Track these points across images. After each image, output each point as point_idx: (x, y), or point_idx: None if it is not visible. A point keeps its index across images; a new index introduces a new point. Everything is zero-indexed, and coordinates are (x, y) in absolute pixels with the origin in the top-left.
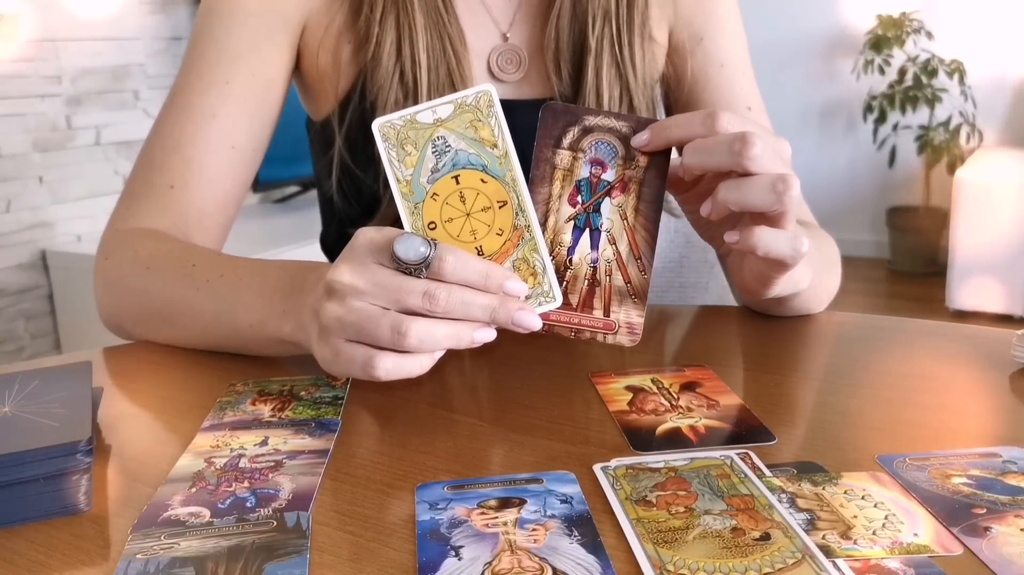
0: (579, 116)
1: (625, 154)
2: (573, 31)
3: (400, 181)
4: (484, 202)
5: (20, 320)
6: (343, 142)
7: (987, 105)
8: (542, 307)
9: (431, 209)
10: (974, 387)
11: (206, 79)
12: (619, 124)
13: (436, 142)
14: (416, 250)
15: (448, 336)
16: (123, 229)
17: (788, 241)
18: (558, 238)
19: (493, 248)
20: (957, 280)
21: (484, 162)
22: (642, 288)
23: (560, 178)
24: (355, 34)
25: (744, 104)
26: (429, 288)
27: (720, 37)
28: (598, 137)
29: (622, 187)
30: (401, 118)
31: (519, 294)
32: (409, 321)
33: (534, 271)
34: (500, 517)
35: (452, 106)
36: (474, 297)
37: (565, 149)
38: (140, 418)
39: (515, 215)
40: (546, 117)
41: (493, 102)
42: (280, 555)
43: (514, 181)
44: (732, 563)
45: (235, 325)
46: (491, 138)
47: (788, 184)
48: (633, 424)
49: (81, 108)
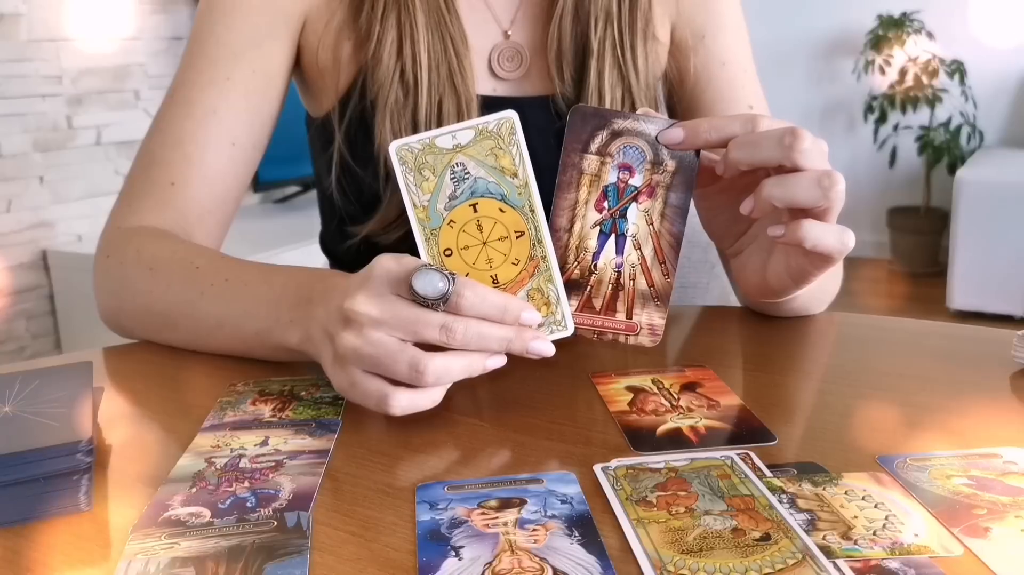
0: (608, 119)
1: (654, 158)
2: (575, 32)
3: (417, 206)
4: (501, 231)
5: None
6: (343, 139)
7: (988, 105)
8: (554, 335)
9: (447, 236)
10: (974, 387)
11: (207, 75)
12: (649, 127)
13: (455, 168)
14: (435, 286)
15: (462, 369)
16: (124, 227)
17: (836, 234)
18: (584, 244)
19: (508, 277)
20: (957, 280)
21: (503, 191)
22: (665, 291)
23: (587, 183)
24: (356, 31)
25: (746, 103)
26: (446, 322)
27: (722, 35)
28: (627, 141)
29: (649, 192)
30: (420, 142)
31: (533, 323)
32: (427, 359)
33: (548, 300)
34: (500, 517)
35: (473, 132)
36: (491, 330)
37: (593, 154)
38: (140, 418)
39: (532, 246)
40: (575, 121)
41: (515, 130)
42: (280, 555)
43: (533, 212)
44: (732, 563)
45: (240, 332)
46: (512, 167)
47: (834, 180)
48: (634, 424)
49: (82, 108)
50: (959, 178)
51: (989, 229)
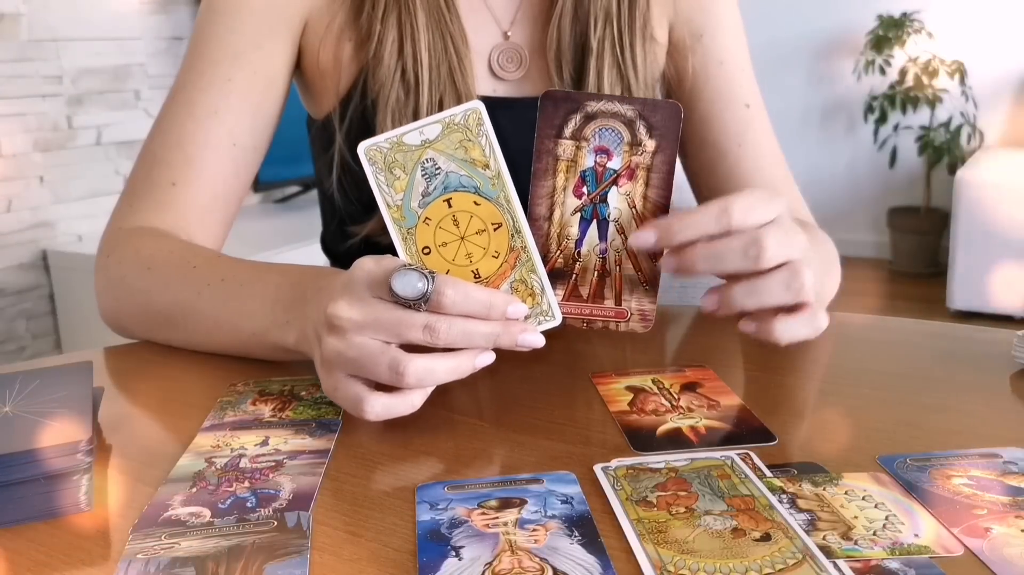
0: (581, 102)
1: (631, 139)
2: (575, 32)
3: (390, 206)
4: (478, 225)
5: (21, 320)
6: (343, 140)
7: (988, 105)
8: (542, 326)
9: (424, 234)
10: (974, 387)
11: (208, 76)
12: (623, 108)
13: (425, 164)
14: (414, 286)
15: (449, 370)
16: (125, 227)
17: (807, 324)
18: (565, 231)
19: (490, 271)
20: (958, 280)
21: (476, 184)
22: (654, 276)
23: (564, 169)
24: (356, 32)
25: (743, 101)
26: (429, 321)
27: (719, 34)
28: (602, 123)
29: (629, 174)
30: (387, 140)
31: (520, 316)
32: (407, 360)
33: (532, 291)
34: (500, 517)
35: (440, 126)
36: (476, 327)
37: (568, 139)
38: (141, 418)
39: (511, 236)
40: (546, 106)
41: (483, 120)
42: (280, 555)
43: (508, 202)
44: (733, 563)
45: (237, 332)
46: (482, 158)
47: (801, 280)
48: (634, 424)
49: (82, 108)
50: (959, 178)
51: (989, 229)
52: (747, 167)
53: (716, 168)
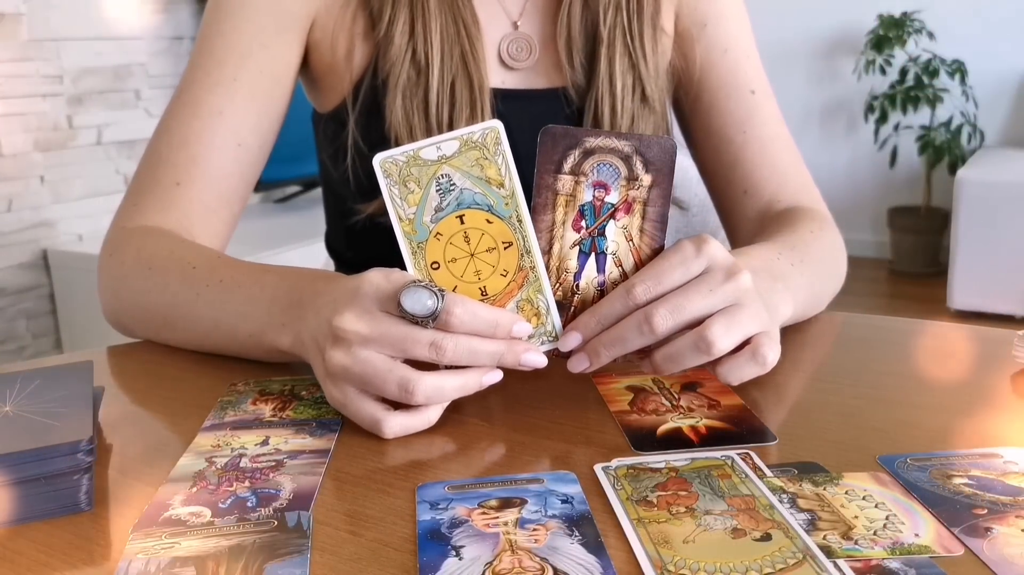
0: (579, 138)
1: (628, 174)
2: (585, 21)
3: (402, 219)
4: (489, 243)
5: (21, 320)
6: (356, 122)
7: (988, 105)
8: (545, 346)
9: (434, 249)
10: (974, 387)
11: (213, 76)
12: (620, 143)
13: (440, 180)
14: (423, 304)
15: (456, 388)
16: (128, 226)
17: (750, 363)
18: (563, 264)
19: (497, 289)
20: (958, 280)
21: (490, 202)
22: None
23: (563, 204)
24: (367, 16)
25: (748, 88)
26: (436, 339)
27: (723, 23)
28: (600, 159)
29: (626, 208)
30: (404, 154)
31: (524, 335)
32: (416, 379)
33: (538, 312)
34: (501, 517)
35: (457, 143)
36: (481, 345)
37: (567, 174)
38: (141, 418)
39: (520, 256)
40: (545, 141)
41: (500, 140)
42: (281, 555)
43: (520, 222)
44: (733, 563)
45: (234, 333)
46: (498, 177)
47: (711, 340)
48: (634, 424)
49: (82, 108)
50: (960, 178)
51: (989, 229)
52: (753, 152)
53: (723, 155)
